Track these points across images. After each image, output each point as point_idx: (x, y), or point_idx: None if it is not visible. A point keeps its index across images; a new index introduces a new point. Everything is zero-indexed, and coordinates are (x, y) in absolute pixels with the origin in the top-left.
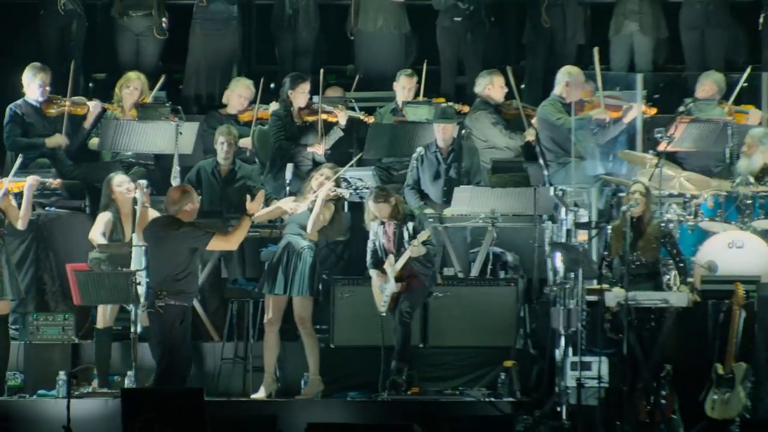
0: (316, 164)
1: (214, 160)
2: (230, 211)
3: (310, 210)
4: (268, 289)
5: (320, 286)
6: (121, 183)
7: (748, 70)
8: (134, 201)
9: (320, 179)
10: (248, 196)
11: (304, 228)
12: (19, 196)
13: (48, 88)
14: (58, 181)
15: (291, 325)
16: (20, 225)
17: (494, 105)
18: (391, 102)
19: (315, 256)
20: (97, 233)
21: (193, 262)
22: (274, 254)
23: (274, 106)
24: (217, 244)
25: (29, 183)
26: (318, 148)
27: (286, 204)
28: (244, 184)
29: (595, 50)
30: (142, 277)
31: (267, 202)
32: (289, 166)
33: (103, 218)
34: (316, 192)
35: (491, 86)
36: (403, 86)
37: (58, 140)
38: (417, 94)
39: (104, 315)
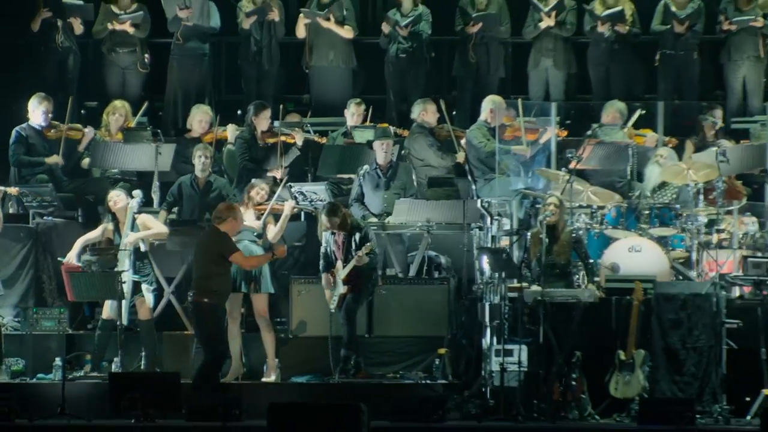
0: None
1: (192, 174)
2: (207, 218)
3: (258, 219)
4: (241, 287)
5: (275, 285)
6: (111, 197)
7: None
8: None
9: (261, 193)
10: (282, 246)
11: (258, 236)
12: None
13: (50, 115)
14: (16, 189)
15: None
16: None
17: (429, 129)
18: (341, 126)
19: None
20: (76, 249)
21: (224, 266)
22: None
23: (231, 128)
24: (237, 259)
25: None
26: (277, 173)
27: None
28: (219, 193)
29: (519, 101)
30: (128, 277)
31: None
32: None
33: (99, 228)
34: (256, 202)
35: (425, 112)
36: (353, 113)
37: (55, 159)
38: (364, 120)
39: (107, 309)
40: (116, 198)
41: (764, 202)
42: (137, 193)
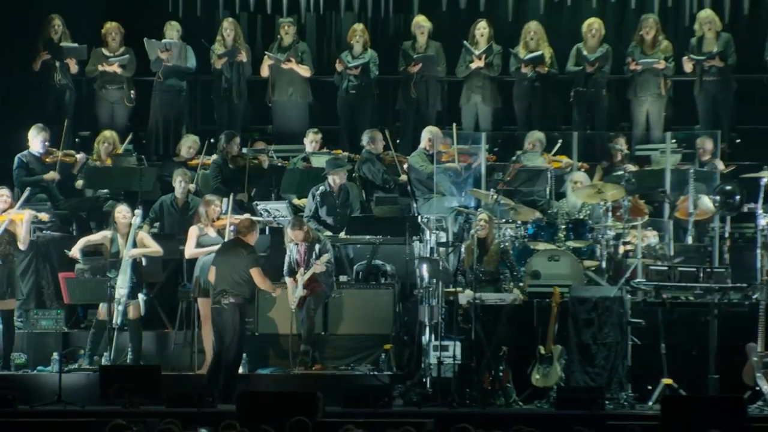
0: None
1: (173, 195)
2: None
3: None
4: (196, 293)
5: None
6: (120, 210)
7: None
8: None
9: (216, 210)
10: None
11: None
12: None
13: (47, 143)
14: (46, 215)
15: None
16: (22, 246)
17: (376, 155)
18: (301, 153)
19: None
20: (79, 245)
21: (248, 274)
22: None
23: (213, 157)
24: (255, 272)
25: (27, 215)
26: (243, 197)
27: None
28: (196, 211)
29: (454, 125)
30: (124, 283)
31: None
32: (224, 200)
33: (101, 233)
34: (213, 219)
35: (373, 141)
36: (310, 141)
37: (52, 175)
38: (320, 147)
39: (101, 311)
40: (125, 212)
41: (663, 218)
42: (138, 212)
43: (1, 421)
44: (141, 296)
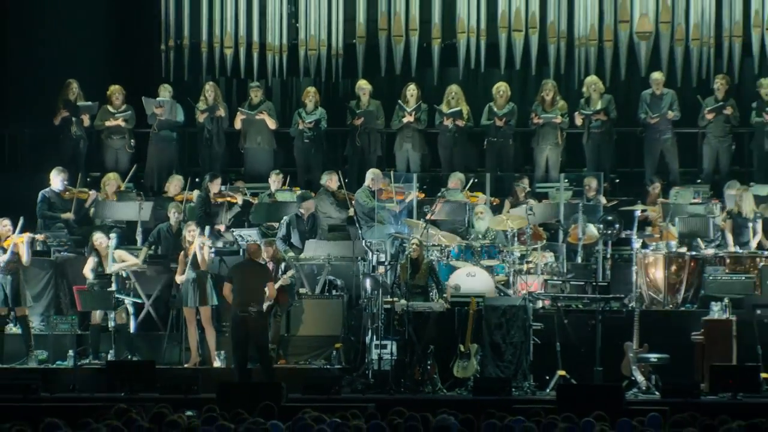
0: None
1: (168, 223)
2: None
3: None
4: (184, 303)
5: (218, 299)
6: (96, 238)
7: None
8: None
9: (193, 233)
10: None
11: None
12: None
13: (66, 182)
14: (41, 235)
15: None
16: (25, 263)
17: (331, 192)
18: (267, 190)
19: (206, 281)
20: (87, 270)
21: (264, 286)
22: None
23: (195, 192)
24: (270, 286)
25: (26, 238)
26: (221, 227)
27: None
28: (185, 237)
29: (391, 172)
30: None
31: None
32: (207, 228)
33: (91, 262)
34: (191, 242)
35: (330, 180)
36: (273, 180)
37: (68, 215)
38: (282, 185)
39: (95, 316)
40: (101, 239)
41: (558, 242)
42: (113, 235)
43: (27, 405)
44: (128, 302)
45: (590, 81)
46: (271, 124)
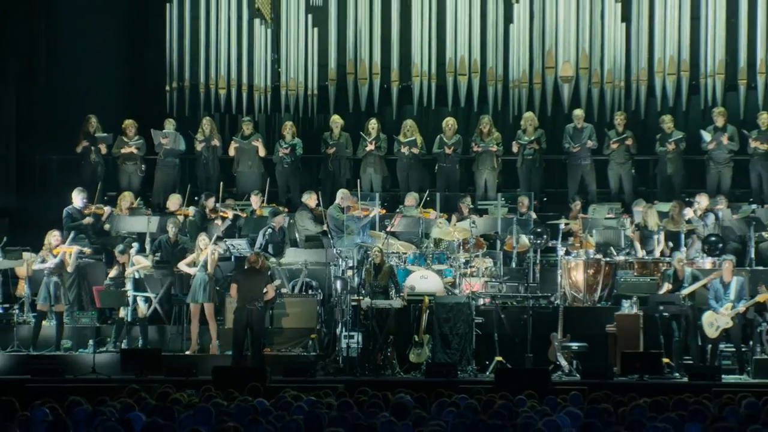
0: (218, 238)
1: (167, 235)
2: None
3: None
4: (192, 299)
5: (216, 298)
6: (118, 251)
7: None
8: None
9: (205, 241)
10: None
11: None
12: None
13: (86, 200)
14: (88, 249)
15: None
16: (70, 269)
17: (309, 208)
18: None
19: (212, 282)
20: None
21: (264, 288)
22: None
23: (191, 208)
24: (270, 287)
25: (76, 249)
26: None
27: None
28: (182, 246)
29: (358, 192)
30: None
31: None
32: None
33: (114, 270)
34: (203, 249)
35: (309, 198)
36: (254, 199)
37: (88, 220)
38: (262, 202)
39: (121, 311)
40: (124, 254)
41: (496, 250)
42: (135, 243)
43: (55, 386)
44: (140, 299)
45: (528, 116)
46: (262, 151)
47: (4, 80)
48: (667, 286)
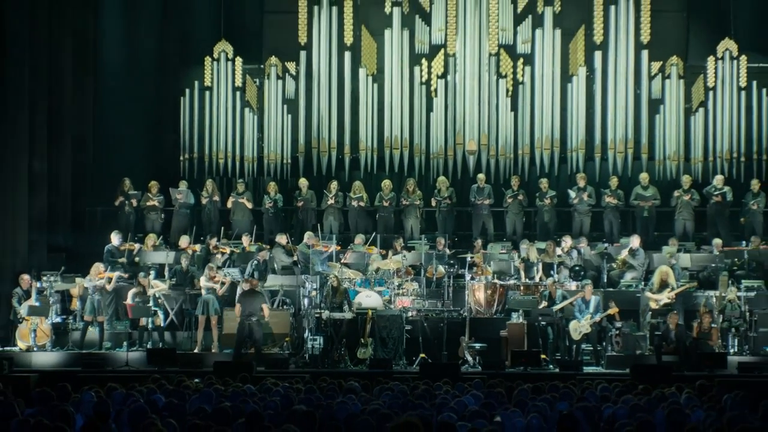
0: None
1: (180, 265)
2: (189, 286)
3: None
4: (202, 312)
5: (221, 311)
6: (140, 276)
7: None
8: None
9: (214, 269)
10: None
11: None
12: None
13: (121, 240)
14: (125, 274)
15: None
16: (109, 289)
17: (282, 245)
18: (242, 245)
19: (218, 301)
20: (130, 294)
21: (261, 307)
22: (201, 297)
23: (198, 245)
24: (265, 307)
25: (116, 275)
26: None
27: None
28: (192, 274)
29: (319, 234)
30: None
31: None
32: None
33: (133, 290)
34: (210, 277)
35: (280, 238)
36: (245, 240)
37: (122, 260)
38: (251, 242)
39: (142, 321)
40: (142, 277)
41: (421, 275)
42: (152, 272)
43: (97, 375)
44: (160, 313)
45: (441, 180)
46: (249, 205)
47: (64, 151)
48: (544, 303)
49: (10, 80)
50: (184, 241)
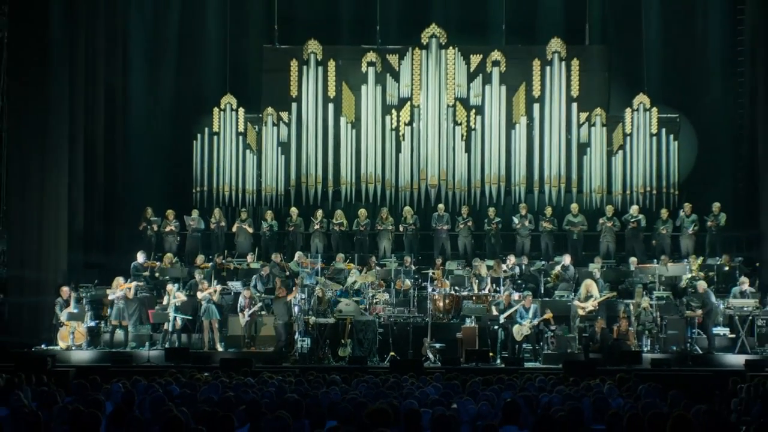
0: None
1: (194, 279)
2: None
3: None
4: (207, 317)
5: (222, 315)
6: (169, 289)
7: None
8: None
9: (205, 284)
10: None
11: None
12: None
13: (144, 258)
14: (142, 284)
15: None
16: (130, 297)
17: (276, 263)
18: (246, 262)
19: (218, 306)
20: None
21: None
22: (202, 306)
23: (210, 263)
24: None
25: (134, 285)
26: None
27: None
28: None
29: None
30: (172, 313)
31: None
32: (214, 281)
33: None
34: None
35: (275, 257)
36: (249, 258)
37: (146, 274)
38: (254, 260)
39: (166, 325)
40: (168, 288)
41: (391, 287)
42: (175, 285)
43: (124, 369)
44: (179, 319)
45: (407, 210)
46: (250, 230)
47: (95, 185)
48: (495, 310)
49: (55, 122)
50: (200, 259)
